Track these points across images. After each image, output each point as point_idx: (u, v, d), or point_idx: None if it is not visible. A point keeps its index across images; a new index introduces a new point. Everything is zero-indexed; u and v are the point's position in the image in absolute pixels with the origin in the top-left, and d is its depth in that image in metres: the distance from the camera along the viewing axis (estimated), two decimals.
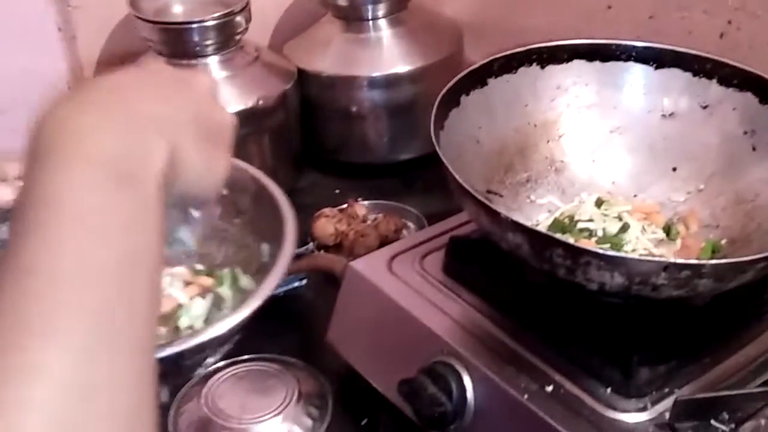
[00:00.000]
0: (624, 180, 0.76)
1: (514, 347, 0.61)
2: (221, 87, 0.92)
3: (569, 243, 0.56)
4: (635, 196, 0.75)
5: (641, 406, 0.56)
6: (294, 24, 1.09)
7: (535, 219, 0.73)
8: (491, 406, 0.59)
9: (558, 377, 0.58)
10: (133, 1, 0.92)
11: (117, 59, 0.98)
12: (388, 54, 1.01)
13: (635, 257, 0.62)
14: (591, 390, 0.57)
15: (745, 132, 0.71)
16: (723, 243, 0.69)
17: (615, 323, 0.60)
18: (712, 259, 0.65)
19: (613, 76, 0.75)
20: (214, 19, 0.90)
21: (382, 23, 1.02)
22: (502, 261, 0.63)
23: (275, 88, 0.96)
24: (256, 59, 0.97)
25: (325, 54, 1.02)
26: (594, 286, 0.56)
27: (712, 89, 0.73)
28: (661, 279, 0.53)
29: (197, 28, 0.90)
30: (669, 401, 0.56)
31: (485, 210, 0.59)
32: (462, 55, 1.07)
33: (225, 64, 0.94)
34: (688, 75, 0.74)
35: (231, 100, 0.92)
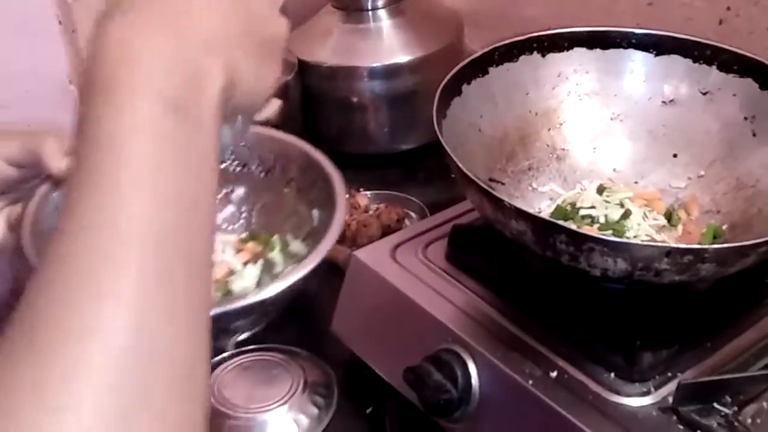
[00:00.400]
0: (625, 167, 0.76)
1: (517, 334, 0.62)
2: None
3: (573, 229, 0.56)
4: (636, 182, 0.75)
5: (644, 390, 0.57)
6: (294, 15, 1.08)
7: (537, 207, 0.74)
8: (496, 392, 0.60)
9: (562, 363, 0.59)
10: None
11: None
12: (388, 44, 1.01)
13: (638, 243, 0.63)
14: (595, 375, 0.58)
15: (746, 118, 0.71)
16: (724, 228, 0.69)
17: (618, 309, 0.60)
18: (713, 244, 0.66)
19: (614, 63, 0.76)
20: None
21: (381, 13, 1.02)
22: (504, 248, 0.63)
23: None
24: None
25: (326, 45, 1.02)
26: (597, 272, 0.56)
27: (712, 75, 0.73)
28: (664, 264, 0.54)
29: None
30: (672, 385, 0.56)
31: (489, 198, 0.59)
32: (462, 45, 1.07)
33: None
34: (688, 61, 0.74)
35: None
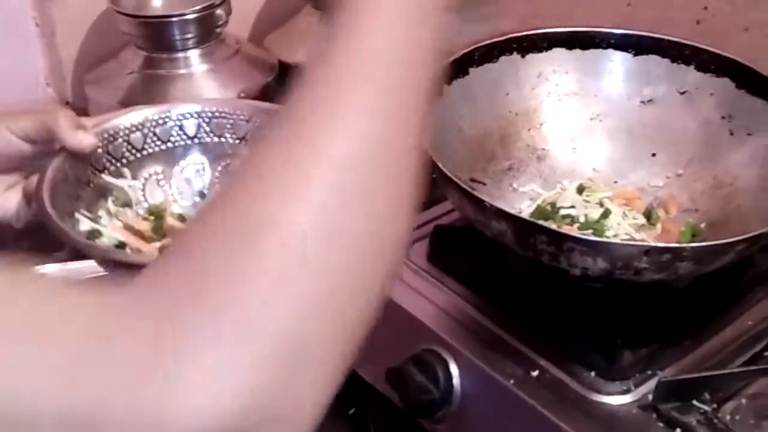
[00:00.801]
0: (605, 166, 0.76)
1: (499, 334, 0.62)
2: (202, 80, 0.92)
3: (553, 229, 0.57)
4: (616, 182, 0.76)
5: (625, 388, 0.57)
6: (274, 17, 1.09)
7: (518, 207, 0.74)
8: (478, 392, 0.60)
9: (543, 362, 0.59)
10: None
11: (97, 55, 0.97)
12: None
13: (618, 242, 0.63)
14: (575, 374, 0.58)
15: (723, 117, 0.72)
16: (702, 226, 0.70)
17: (598, 308, 0.60)
18: (692, 243, 0.66)
19: (593, 63, 0.76)
20: (194, 12, 0.90)
21: None
22: (486, 249, 0.64)
23: (257, 80, 0.96)
24: (237, 52, 0.97)
25: (306, 46, 1.02)
26: (577, 271, 0.56)
27: (690, 75, 0.73)
28: (643, 263, 0.54)
29: (177, 21, 0.90)
30: (652, 383, 0.57)
31: (469, 198, 0.59)
32: None
33: (206, 57, 0.93)
34: (666, 61, 0.74)
35: (212, 93, 0.91)
